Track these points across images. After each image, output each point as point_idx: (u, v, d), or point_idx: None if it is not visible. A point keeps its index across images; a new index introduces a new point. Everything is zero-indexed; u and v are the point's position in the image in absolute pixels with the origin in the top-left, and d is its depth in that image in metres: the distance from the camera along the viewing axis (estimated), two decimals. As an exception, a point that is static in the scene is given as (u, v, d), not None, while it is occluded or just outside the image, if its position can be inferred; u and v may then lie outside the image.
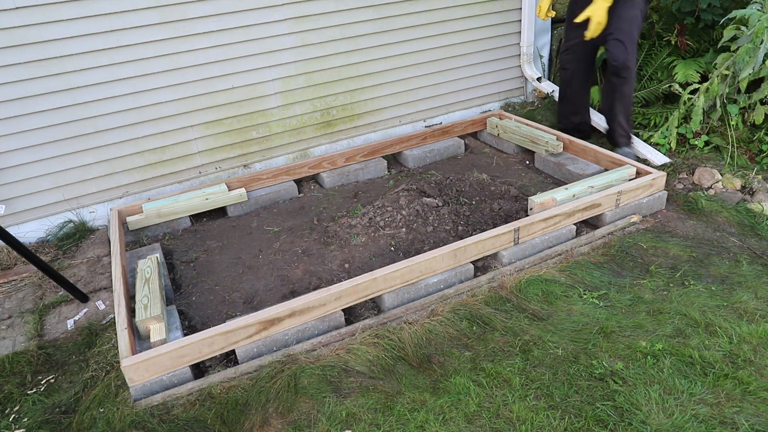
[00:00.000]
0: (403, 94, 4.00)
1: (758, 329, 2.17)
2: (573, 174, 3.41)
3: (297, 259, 2.85)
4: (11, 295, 2.74)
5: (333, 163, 3.73)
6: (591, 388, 1.96)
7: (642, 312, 2.32)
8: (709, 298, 2.39)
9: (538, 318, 2.32)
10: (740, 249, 2.74)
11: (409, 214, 3.02)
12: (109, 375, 2.14)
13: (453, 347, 2.19)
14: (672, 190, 3.19)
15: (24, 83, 2.84)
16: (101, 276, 2.83)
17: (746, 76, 3.25)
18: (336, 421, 1.88)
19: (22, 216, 3.10)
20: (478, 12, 3.94)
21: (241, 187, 3.42)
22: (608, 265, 2.64)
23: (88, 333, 2.42)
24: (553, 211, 2.80)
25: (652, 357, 2.07)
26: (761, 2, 3.24)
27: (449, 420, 1.87)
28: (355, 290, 2.35)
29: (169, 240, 3.15)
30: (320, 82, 3.64)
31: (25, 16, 2.73)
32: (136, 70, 3.07)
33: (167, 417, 1.94)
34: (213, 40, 3.20)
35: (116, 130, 3.16)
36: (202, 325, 2.44)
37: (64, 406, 2.06)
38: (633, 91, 3.47)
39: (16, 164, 2.98)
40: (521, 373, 2.04)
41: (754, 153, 3.49)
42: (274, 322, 2.21)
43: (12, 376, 2.24)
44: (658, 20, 4.02)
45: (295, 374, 2.06)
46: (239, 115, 3.48)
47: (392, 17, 3.68)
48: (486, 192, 3.27)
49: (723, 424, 1.80)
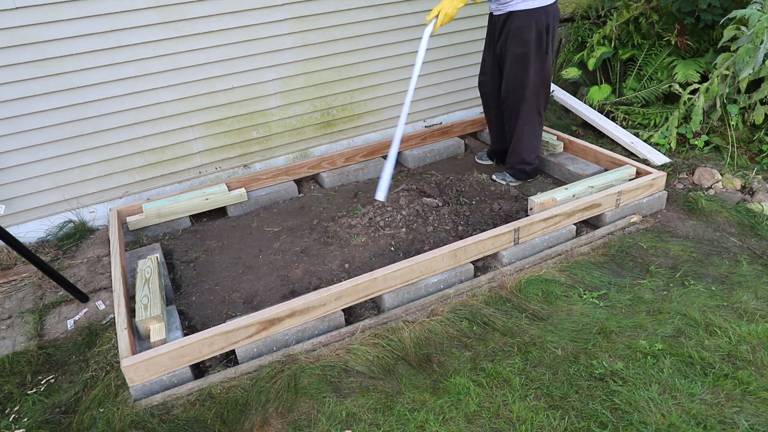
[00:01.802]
0: (403, 94, 3.97)
1: (758, 329, 2.18)
2: (573, 174, 3.41)
3: (297, 259, 2.84)
4: (11, 295, 2.74)
5: (333, 163, 3.73)
6: (591, 388, 1.96)
7: (642, 312, 2.32)
8: (709, 298, 2.39)
9: (538, 318, 2.32)
10: (740, 249, 2.74)
11: (409, 214, 3.02)
12: (109, 375, 2.14)
13: (453, 347, 2.19)
14: (672, 190, 3.19)
15: (24, 83, 2.84)
16: (101, 276, 2.83)
17: (746, 76, 3.25)
18: (336, 421, 1.88)
19: (22, 216, 3.10)
20: (478, 12, 3.94)
21: (241, 187, 3.42)
22: (608, 265, 2.64)
23: (88, 333, 2.42)
24: (553, 211, 2.80)
25: (652, 357, 2.07)
26: (761, 2, 3.24)
27: (449, 420, 1.87)
28: (355, 290, 2.35)
29: (169, 240, 3.15)
30: (320, 82, 3.64)
31: (25, 16, 2.73)
32: (136, 70, 3.07)
33: (167, 417, 1.94)
34: (213, 40, 3.20)
35: (116, 130, 3.16)
36: (202, 325, 2.44)
37: (64, 406, 2.06)
38: (537, 114, 3.22)
39: (16, 164, 2.98)
40: (521, 373, 2.04)
41: (754, 153, 3.49)
42: (274, 322, 2.21)
43: (12, 376, 2.23)
44: (658, 20, 4.02)
45: (295, 374, 2.06)
46: (239, 115, 3.47)
47: (392, 17, 3.68)
48: (486, 192, 3.27)
49: (723, 423, 1.80)
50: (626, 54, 4.24)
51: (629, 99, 4.11)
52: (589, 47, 4.33)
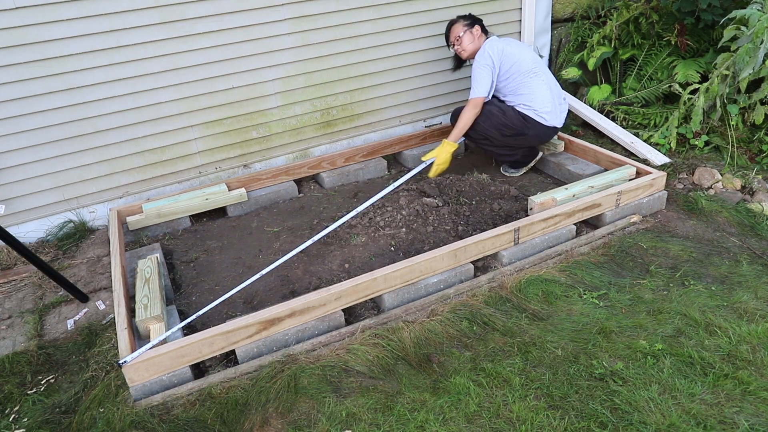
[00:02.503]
0: (403, 94, 4.00)
1: (758, 329, 2.17)
2: (573, 174, 3.41)
3: (297, 259, 2.84)
4: (11, 295, 2.74)
5: (333, 163, 3.73)
6: (591, 388, 1.96)
7: (642, 312, 2.32)
8: (709, 298, 2.39)
9: (538, 318, 2.32)
10: (740, 249, 2.74)
11: (409, 214, 3.02)
12: (109, 375, 2.14)
13: (453, 347, 2.19)
14: (672, 190, 3.19)
15: (24, 83, 2.84)
16: (101, 276, 2.83)
17: (746, 76, 3.25)
18: (336, 421, 1.88)
19: (22, 216, 3.10)
20: (478, 12, 3.93)
21: (241, 187, 3.42)
22: (608, 265, 2.64)
23: (88, 333, 2.42)
24: (553, 211, 2.80)
25: (652, 357, 2.07)
26: (761, 2, 3.24)
27: (449, 420, 1.87)
28: (355, 290, 2.35)
29: (169, 240, 3.15)
30: (320, 82, 3.64)
31: (25, 16, 2.73)
32: (136, 70, 3.07)
33: (167, 417, 1.94)
34: (213, 40, 3.20)
35: (116, 130, 3.16)
36: (202, 325, 2.44)
37: (64, 406, 2.06)
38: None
39: (16, 164, 2.98)
40: (521, 373, 2.04)
41: (754, 153, 3.49)
42: (274, 322, 2.21)
43: (12, 376, 2.24)
44: (658, 20, 4.02)
45: (295, 374, 2.06)
46: (239, 115, 3.47)
47: (392, 17, 3.68)
48: (486, 192, 3.27)
49: (723, 423, 1.80)
50: (626, 54, 4.24)
51: (629, 99, 4.11)
52: (589, 47, 4.33)
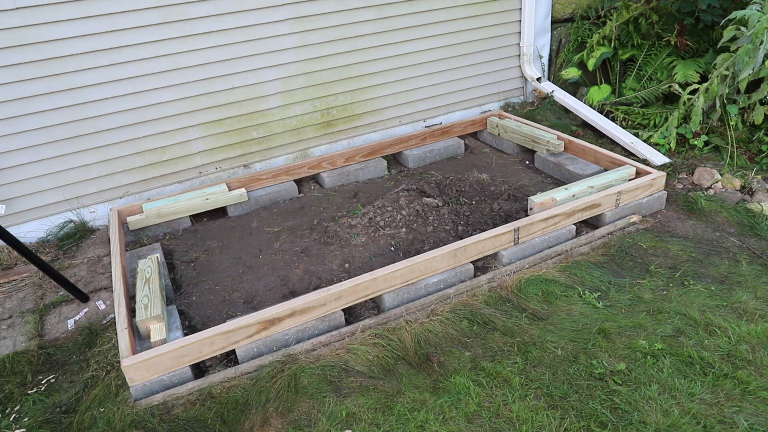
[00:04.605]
0: (403, 94, 4.00)
1: (757, 329, 2.18)
2: (573, 174, 3.41)
3: (297, 259, 2.85)
4: (12, 295, 2.74)
5: (333, 163, 3.73)
6: (591, 387, 1.96)
7: (642, 312, 2.33)
8: (709, 297, 2.39)
9: (537, 318, 2.32)
10: (740, 249, 2.74)
11: (409, 214, 3.02)
12: (110, 375, 2.14)
13: (453, 347, 2.19)
14: (672, 190, 3.19)
15: (25, 83, 2.85)
16: (101, 276, 2.83)
17: (746, 76, 3.25)
18: (336, 421, 1.89)
19: (22, 216, 3.10)
20: (478, 12, 3.95)
21: (241, 187, 3.42)
22: (608, 265, 2.64)
23: (88, 333, 2.42)
24: (553, 211, 2.80)
25: (652, 357, 2.07)
26: (761, 3, 3.25)
27: (449, 419, 1.87)
28: (355, 290, 2.36)
29: (170, 240, 3.15)
30: (320, 82, 3.64)
31: (26, 17, 2.73)
32: (136, 70, 3.07)
33: (167, 417, 1.95)
34: (213, 40, 3.20)
35: (117, 130, 3.16)
36: (202, 325, 2.45)
37: (64, 405, 2.06)
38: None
39: (16, 164, 2.98)
40: (521, 372, 2.04)
41: (753, 153, 3.49)
42: (274, 322, 2.21)
43: (12, 375, 2.24)
44: (657, 20, 4.02)
45: (295, 374, 2.06)
46: (239, 116, 3.48)
47: (392, 17, 3.68)
48: (486, 192, 3.27)
49: (722, 423, 1.80)
50: (626, 54, 4.24)
51: (629, 99, 4.11)
52: (588, 47, 4.33)
